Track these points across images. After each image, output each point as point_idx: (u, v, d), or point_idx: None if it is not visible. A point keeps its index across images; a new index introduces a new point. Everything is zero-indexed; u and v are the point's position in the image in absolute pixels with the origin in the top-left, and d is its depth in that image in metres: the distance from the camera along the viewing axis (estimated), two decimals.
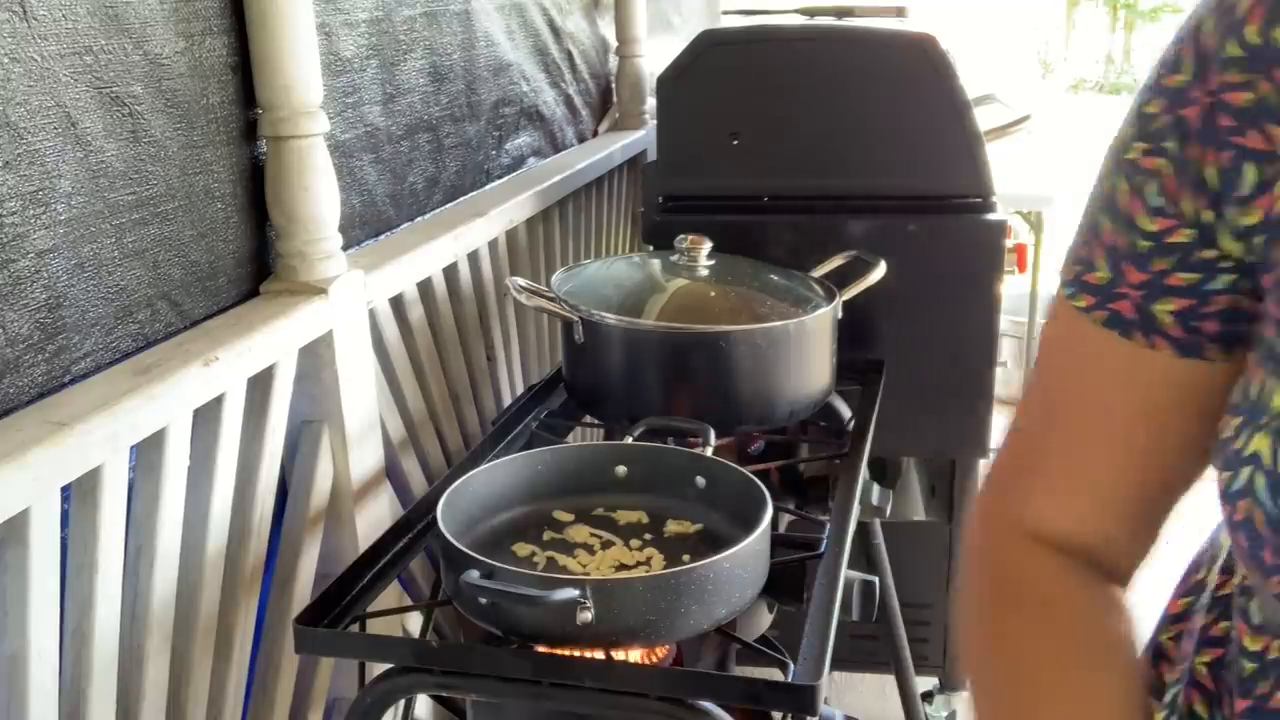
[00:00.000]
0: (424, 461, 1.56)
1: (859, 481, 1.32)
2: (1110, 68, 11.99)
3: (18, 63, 0.92)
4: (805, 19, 2.12)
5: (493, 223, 1.70)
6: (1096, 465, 0.67)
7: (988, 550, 0.73)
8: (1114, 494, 0.67)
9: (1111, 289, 0.63)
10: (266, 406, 1.18)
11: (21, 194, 0.92)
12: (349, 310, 1.28)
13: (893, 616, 1.84)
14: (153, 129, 1.07)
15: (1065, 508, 0.69)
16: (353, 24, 1.42)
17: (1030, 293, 3.18)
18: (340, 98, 1.40)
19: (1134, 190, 0.60)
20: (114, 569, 0.98)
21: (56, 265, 0.96)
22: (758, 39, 1.81)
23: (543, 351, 2.01)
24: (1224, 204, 0.57)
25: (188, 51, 1.12)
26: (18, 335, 0.93)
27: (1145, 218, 0.60)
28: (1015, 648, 0.69)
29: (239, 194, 1.21)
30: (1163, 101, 0.59)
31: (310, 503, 1.27)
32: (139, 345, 1.07)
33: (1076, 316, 0.65)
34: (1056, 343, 0.69)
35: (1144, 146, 0.60)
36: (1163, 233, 0.60)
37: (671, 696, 0.94)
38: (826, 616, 1.03)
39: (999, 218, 1.76)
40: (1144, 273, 0.61)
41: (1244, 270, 0.59)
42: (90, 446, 0.92)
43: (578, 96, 2.27)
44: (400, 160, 1.55)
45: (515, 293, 1.40)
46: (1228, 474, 0.56)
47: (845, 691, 2.26)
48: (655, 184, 1.86)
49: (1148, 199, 0.60)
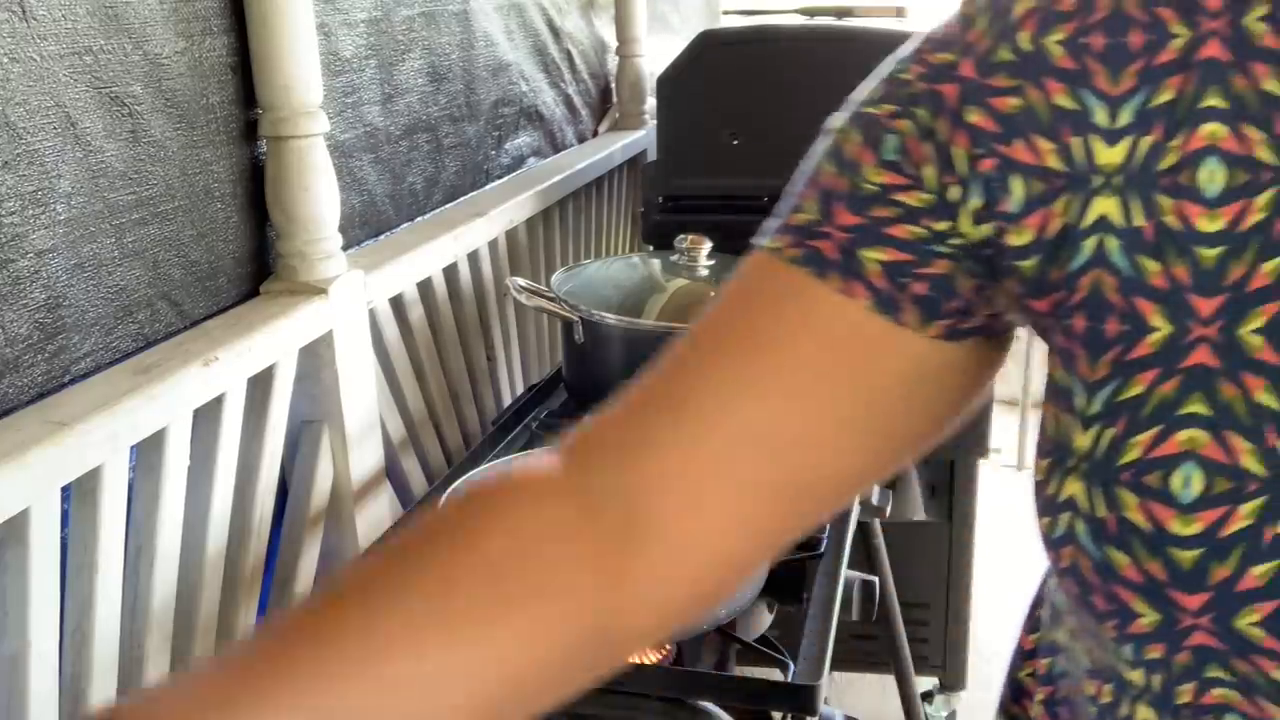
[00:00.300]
0: (424, 461, 1.56)
1: None
2: None
3: (17, 63, 0.91)
4: (805, 19, 2.12)
5: (493, 223, 1.70)
6: (753, 434, 0.55)
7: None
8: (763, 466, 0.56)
9: (814, 228, 0.55)
10: (266, 406, 1.18)
11: (21, 194, 0.92)
12: (349, 310, 1.28)
13: (893, 616, 1.84)
14: (152, 129, 1.07)
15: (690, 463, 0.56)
16: (351, 24, 1.42)
17: None
18: (339, 98, 1.40)
19: (867, 141, 0.55)
20: (114, 569, 0.98)
21: (56, 265, 0.96)
22: (758, 39, 1.81)
23: (543, 351, 2.01)
24: (979, 203, 0.53)
25: (187, 51, 1.12)
26: (17, 335, 0.93)
27: (874, 168, 0.54)
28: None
29: (239, 194, 1.21)
30: (922, 70, 0.55)
31: (310, 503, 1.27)
32: (139, 345, 1.07)
33: (765, 259, 0.56)
34: (735, 289, 0.58)
35: (891, 108, 0.55)
36: (893, 187, 0.54)
37: (671, 696, 0.94)
38: (826, 616, 1.03)
39: None
40: (858, 216, 0.54)
41: (979, 259, 0.53)
42: (90, 446, 0.92)
43: (577, 96, 2.27)
44: (399, 160, 1.55)
45: (515, 293, 1.40)
46: (1047, 520, 0.52)
47: (845, 691, 2.26)
48: (655, 184, 1.86)
49: (882, 152, 0.54)
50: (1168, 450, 0.48)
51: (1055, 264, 0.51)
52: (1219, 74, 0.48)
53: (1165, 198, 0.49)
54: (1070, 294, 0.51)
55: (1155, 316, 0.49)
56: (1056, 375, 0.52)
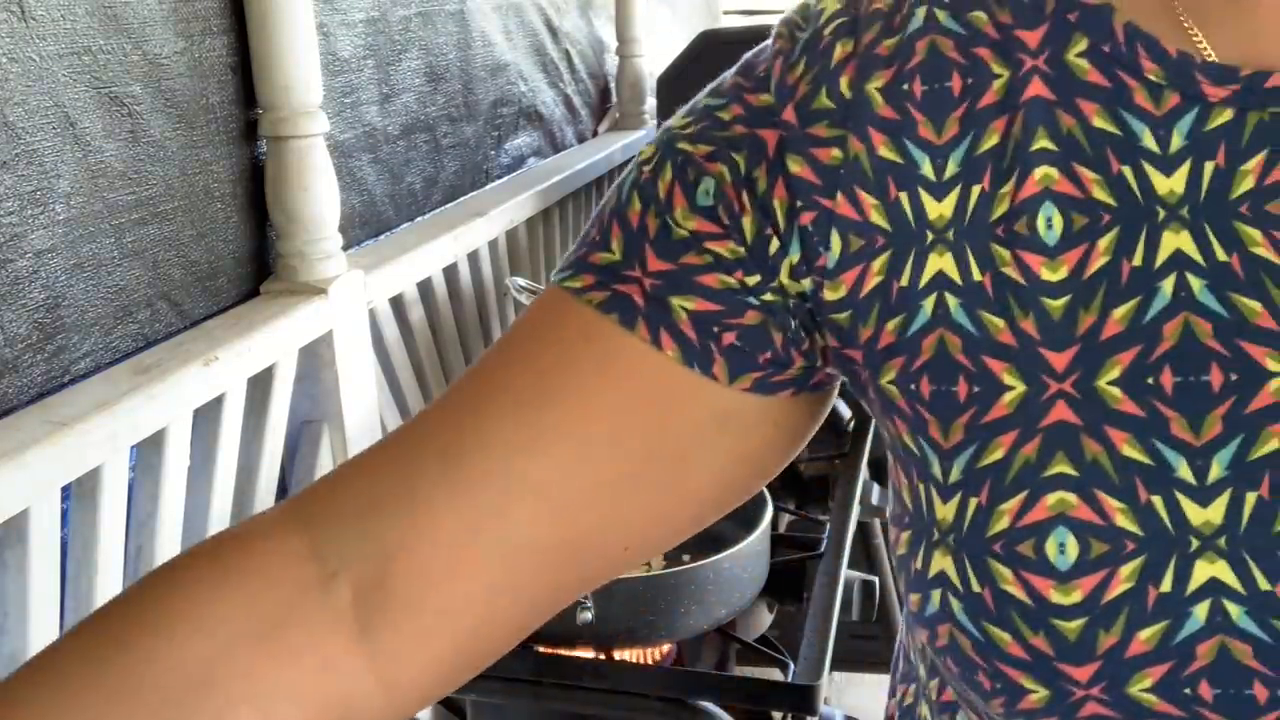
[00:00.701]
0: None
1: (859, 481, 1.32)
2: None
3: (16, 63, 0.91)
4: None
5: (493, 223, 1.70)
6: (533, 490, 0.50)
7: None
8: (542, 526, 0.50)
9: (620, 270, 0.51)
10: (266, 406, 1.18)
11: (20, 194, 0.92)
12: (349, 310, 1.28)
13: (893, 616, 1.84)
14: (152, 129, 1.07)
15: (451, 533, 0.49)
16: (350, 24, 1.42)
17: None
18: (338, 98, 1.40)
19: (680, 182, 0.51)
20: (114, 569, 0.98)
21: (55, 265, 0.96)
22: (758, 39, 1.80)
23: None
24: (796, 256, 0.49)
25: (187, 51, 1.12)
26: (16, 335, 0.93)
27: (686, 212, 0.50)
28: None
29: (239, 194, 1.21)
30: (741, 111, 0.51)
31: None
32: (139, 345, 1.07)
33: (563, 298, 0.51)
34: (528, 329, 0.53)
35: (708, 149, 0.51)
36: (705, 235, 0.50)
37: (671, 696, 0.94)
38: (826, 616, 1.03)
39: None
40: (668, 262, 0.50)
41: (796, 312, 0.50)
42: (90, 446, 0.92)
43: (576, 96, 2.27)
44: (398, 160, 1.55)
45: (515, 293, 1.40)
46: (916, 596, 0.48)
47: (845, 691, 2.26)
48: None
49: (697, 196, 0.50)
50: (1037, 516, 0.45)
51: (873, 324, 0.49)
52: (1045, 113, 0.46)
53: (1002, 248, 0.46)
54: (913, 357, 0.48)
55: (1007, 375, 0.46)
56: (906, 442, 0.49)
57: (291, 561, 0.49)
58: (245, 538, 0.51)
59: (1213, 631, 0.43)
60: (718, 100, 0.53)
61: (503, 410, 0.50)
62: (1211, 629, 0.43)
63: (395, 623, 0.49)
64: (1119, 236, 0.45)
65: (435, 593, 0.49)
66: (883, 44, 0.49)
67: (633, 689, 0.94)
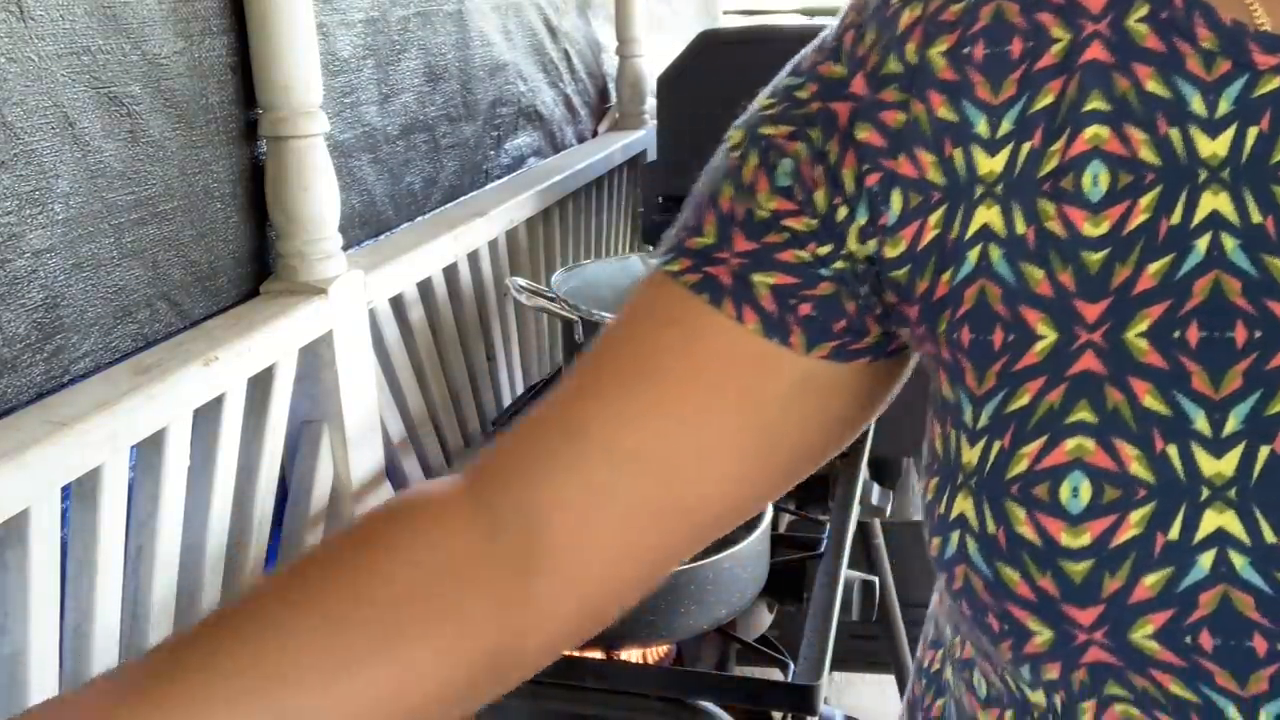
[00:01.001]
0: (424, 461, 1.56)
1: (859, 481, 1.32)
2: None
3: (14, 62, 0.91)
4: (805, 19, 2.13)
5: (493, 223, 1.70)
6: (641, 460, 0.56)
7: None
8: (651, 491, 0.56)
9: (712, 253, 0.56)
10: (266, 406, 1.18)
11: (18, 194, 0.92)
12: (349, 310, 1.28)
13: (893, 616, 1.84)
14: (151, 129, 1.07)
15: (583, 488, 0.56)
16: (349, 24, 1.42)
17: None
18: (338, 98, 1.40)
19: (763, 165, 0.55)
20: (114, 569, 0.98)
21: (54, 265, 0.96)
22: (758, 39, 1.81)
23: (543, 351, 2.01)
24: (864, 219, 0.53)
25: (187, 51, 1.12)
26: (15, 335, 0.92)
27: (768, 194, 0.55)
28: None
29: (239, 194, 1.21)
30: (816, 87, 0.55)
31: (310, 503, 1.27)
32: (138, 345, 1.07)
33: (662, 281, 0.57)
34: (633, 311, 0.59)
35: (787, 129, 0.55)
36: (783, 213, 0.54)
37: (671, 696, 0.94)
38: (826, 616, 1.03)
39: None
40: (753, 242, 0.55)
41: (863, 277, 0.54)
42: (90, 446, 0.92)
43: (576, 96, 2.27)
44: (397, 160, 1.55)
45: (515, 293, 1.40)
46: (938, 539, 0.51)
47: (845, 691, 2.26)
48: (655, 184, 1.86)
49: (776, 178, 0.55)
50: (1055, 460, 0.47)
51: (929, 276, 0.52)
52: (1101, 76, 0.48)
53: (1048, 203, 0.49)
54: (956, 307, 0.51)
55: (1041, 324, 0.48)
56: (944, 392, 0.52)
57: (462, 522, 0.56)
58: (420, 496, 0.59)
59: (1216, 580, 0.44)
60: (796, 79, 0.57)
61: (608, 389, 0.57)
62: (1215, 578, 0.44)
63: (542, 575, 0.56)
64: (1160, 195, 0.47)
65: (569, 553, 0.56)
66: (949, 9, 0.52)
67: (633, 689, 0.94)
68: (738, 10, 3.18)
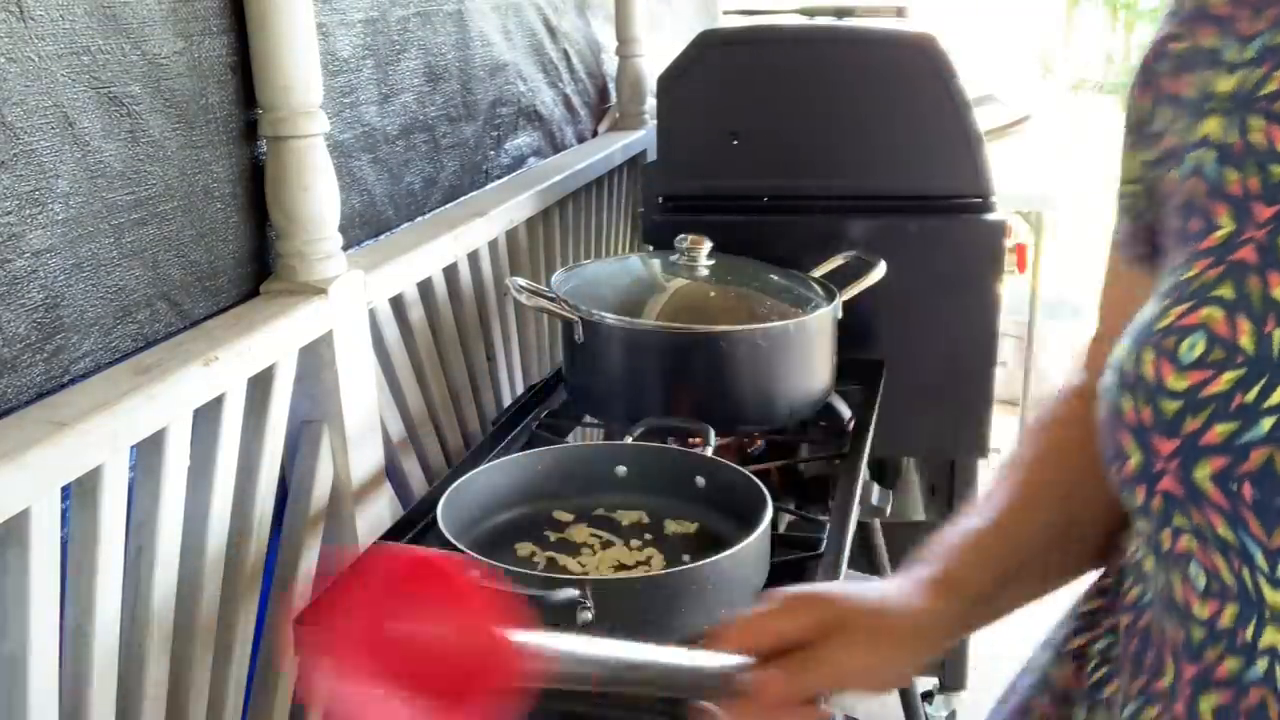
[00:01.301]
0: (424, 461, 1.56)
1: (859, 481, 1.32)
2: (1110, 67, 11.98)
3: (15, 63, 0.91)
4: (805, 19, 2.12)
5: (493, 223, 1.70)
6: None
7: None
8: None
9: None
10: (266, 406, 1.18)
11: (18, 194, 0.92)
12: (349, 310, 1.28)
13: None
14: (151, 129, 1.07)
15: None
16: (349, 24, 1.42)
17: (1030, 293, 3.17)
18: (338, 98, 1.40)
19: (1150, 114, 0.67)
20: (114, 569, 0.98)
21: (54, 265, 0.96)
22: (758, 39, 1.81)
23: (543, 351, 2.01)
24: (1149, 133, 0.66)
25: (186, 51, 1.12)
26: (15, 335, 0.92)
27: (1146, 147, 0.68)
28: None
29: (239, 194, 1.21)
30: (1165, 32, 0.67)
31: (310, 503, 1.27)
32: (138, 345, 1.07)
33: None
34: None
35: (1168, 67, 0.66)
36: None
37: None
38: None
39: (999, 218, 1.75)
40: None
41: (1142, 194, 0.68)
42: (90, 446, 0.92)
43: (575, 96, 2.26)
44: (397, 160, 1.55)
45: (515, 293, 1.40)
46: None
47: None
48: (655, 184, 1.86)
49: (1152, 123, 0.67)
50: (1190, 320, 0.57)
51: (1172, 176, 0.63)
52: None
53: (1258, 118, 0.58)
54: (1176, 198, 0.62)
55: (1224, 217, 0.58)
56: (1160, 281, 0.63)
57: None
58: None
59: (1268, 442, 0.53)
60: (1168, 28, 0.68)
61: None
62: (1269, 440, 0.53)
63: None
64: None
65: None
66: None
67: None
68: (738, 10, 3.17)
